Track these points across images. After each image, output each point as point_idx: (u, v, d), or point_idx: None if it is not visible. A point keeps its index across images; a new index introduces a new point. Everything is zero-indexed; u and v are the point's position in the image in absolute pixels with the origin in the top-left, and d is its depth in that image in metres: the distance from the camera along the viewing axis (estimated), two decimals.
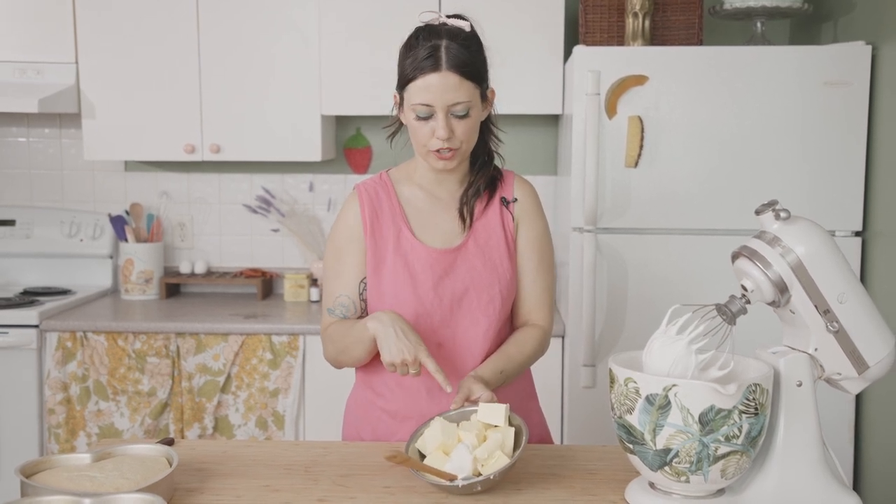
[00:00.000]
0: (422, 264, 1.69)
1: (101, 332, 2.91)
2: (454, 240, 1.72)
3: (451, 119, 1.61)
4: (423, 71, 1.59)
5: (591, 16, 2.93)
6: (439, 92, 1.59)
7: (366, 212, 1.71)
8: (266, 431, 2.93)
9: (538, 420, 1.85)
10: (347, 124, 3.46)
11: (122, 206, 3.51)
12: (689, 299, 2.60)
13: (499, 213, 1.75)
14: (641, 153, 2.62)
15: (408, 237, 1.70)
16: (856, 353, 1.35)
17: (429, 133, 1.62)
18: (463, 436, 1.45)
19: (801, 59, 2.58)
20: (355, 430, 1.80)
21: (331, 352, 1.76)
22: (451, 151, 1.63)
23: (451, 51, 1.59)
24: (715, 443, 1.27)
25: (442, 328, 1.70)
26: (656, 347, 1.36)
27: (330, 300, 1.75)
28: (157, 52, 3.12)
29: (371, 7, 3.03)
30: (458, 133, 1.62)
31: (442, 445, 1.46)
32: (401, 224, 1.71)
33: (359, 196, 1.74)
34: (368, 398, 1.77)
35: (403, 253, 1.69)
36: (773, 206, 1.35)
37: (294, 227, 3.44)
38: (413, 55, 1.61)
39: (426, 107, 1.60)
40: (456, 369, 1.70)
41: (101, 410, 2.93)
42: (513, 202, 1.76)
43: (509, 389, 1.74)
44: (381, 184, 1.75)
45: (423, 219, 1.73)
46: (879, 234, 2.53)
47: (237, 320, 2.96)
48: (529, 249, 1.76)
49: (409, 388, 1.71)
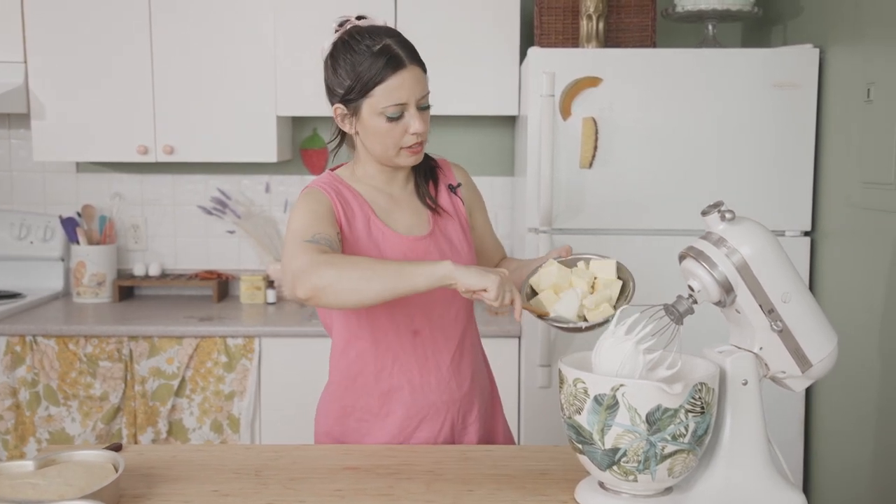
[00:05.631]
0: (395, 252, 1.67)
1: (51, 336, 2.86)
2: (420, 230, 1.72)
3: (420, 113, 1.62)
4: (390, 71, 1.58)
5: (546, 17, 2.95)
6: (410, 87, 1.59)
7: (333, 197, 1.66)
8: (221, 435, 2.90)
9: (503, 425, 1.86)
10: (304, 125, 3.44)
11: (74, 208, 3.45)
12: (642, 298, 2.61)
13: (449, 200, 1.78)
14: (595, 154, 2.64)
15: (378, 226, 1.68)
16: (799, 351, 1.37)
17: (401, 132, 1.62)
18: (575, 281, 1.55)
19: (752, 62, 2.61)
20: (328, 432, 1.76)
21: (328, 275, 1.44)
22: (421, 144, 1.65)
23: (403, 45, 1.60)
24: (662, 442, 1.28)
25: (419, 316, 1.69)
26: (605, 348, 1.37)
27: (307, 234, 1.54)
28: (109, 52, 3.07)
29: (327, 6, 3.01)
30: (426, 124, 1.64)
31: (555, 286, 1.55)
32: (368, 213, 1.69)
33: (320, 187, 1.68)
34: (346, 398, 1.73)
35: (376, 241, 1.68)
36: (718, 208, 1.37)
37: (250, 229, 3.41)
38: (368, 60, 1.57)
39: (399, 106, 1.59)
40: (433, 355, 1.70)
41: (52, 416, 2.87)
42: (458, 187, 1.80)
43: (475, 393, 1.75)
44: (336, 179, 1.72)
45: (384, 211, 1.72)
46: (828, 233, 2.58)
47: (192, 323, 2.92)
48: (485, 223, 1.88)
49: (392, 383, 1.69)
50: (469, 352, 1.77)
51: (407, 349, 1.69)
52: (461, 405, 1.73)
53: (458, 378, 1.73)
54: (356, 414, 1.72)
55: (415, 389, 1.70)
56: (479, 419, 1.76)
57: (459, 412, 1.73)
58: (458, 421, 1.73)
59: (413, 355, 1.69)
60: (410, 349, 1.69)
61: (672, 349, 1.38)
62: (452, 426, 1.72)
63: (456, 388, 1.73)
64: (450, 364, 1.72)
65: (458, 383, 1.73)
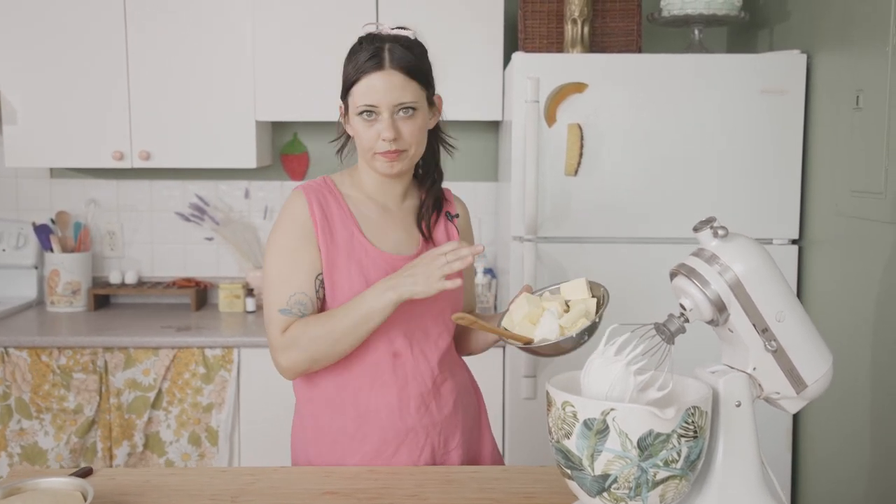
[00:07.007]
0: (377, 269, 1.62)
1: (23, 348, 2.78)
2: (407, 248, 1.67)
3: (397, 120, 1.58)
4: (365, 72, 1.56)
5: (531, 22, 2.90)
6: (384, 91, 1.56)
7: (314, 209, 1.62)
8: (199, 448, 2.83)
9: (490, 446, 1.81)
10: (284, 130, 3.37)
11: (48, 215, 3.37)
12: (629, 308, 2.57)
13: (444, 229, 1.76)
14: (581, 161, 2.59)
15: (361, 240, 1.64)
16: (794, 372, 1.33)
17: (374, 136, 1.58)
18: (547, 305, 1.52)
19: (738, 67, 2.58)
20: (304, 455, 1.70)
21: (301, 357, 1.57)
22: (398, 153, 1.59)
23: (394, 52, 1.57)
24: (654, 468, 1.23)
25: (398, 337, 1.64)
26: (594, 369, 1.32)
27: (282, 300, 1.59)
28: (83, 54, 3.00)
29: (307, 10, 2.95)
30: (404, 134, 1.59)
31: (528, 315, 1.51)
32: (352, 227, 1.64)
33: (305, 194, 1.64)
34: (321, 419, 1.67)
35: (358, 258, 1.62)
36: (710, 224, 1.32)
37: (229, 236, 3.34)
38: (356, 59, 1.59)
39: (371, 108, 1.57)
40: (413, 378, 1.65)
41: (24, 429, 2.80)
42: (456, 217, 1.78)
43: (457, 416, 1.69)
44: (325, 186, 1.68)
45: (372, 225, 1.67)
46: (816, 242, 2.55)
47: (168, 333, 2.85)
48: (469, 269, 1.84)
49: (369, 406, 1.64)
50: (452, 374, 1.71)
51: (386, 371, 1.64)
52: (442, 429, 1.67)
53: (440, 401, 1.68)
54: (331, 436, 1.66)
55: (392, 413, 1.64)
56: (463, 444, 1.70)
57: (440, 436, 1.67)
58: (440, 445, 1.67)
59: (392, 377, 1.64)
60: (390, 371, 1.64)
61: (663, 369, 1.34)
62: (433, 451, 1.66)
63: (437, 412, 1.67)
64: (431, 387, 1.67)
65: (439, 406, 1.67)
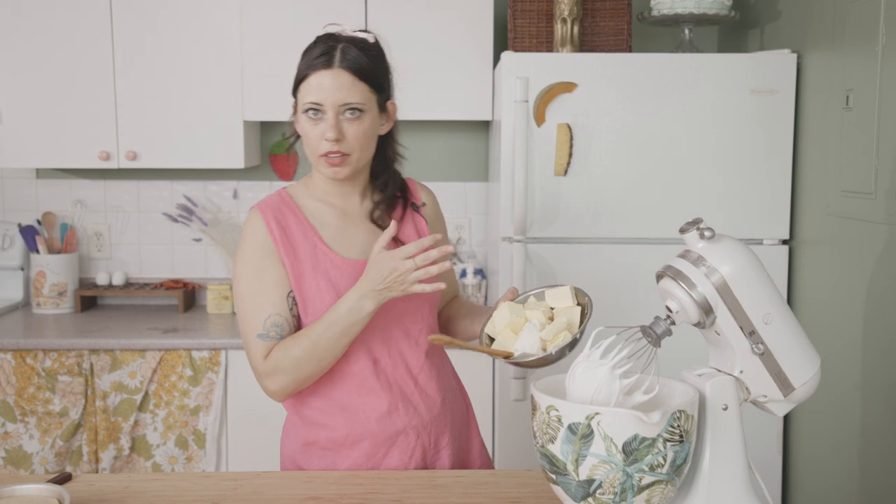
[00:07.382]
0: (345, 279, 1.59)
1: (7, 351, 2.75)
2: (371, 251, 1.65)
3: (342, 121, 1.55)
4: (315, 69, 1.54)
5: (520, 21, 2.88)
6: (330, 90, 1.54)
7: (273, 227, 1.60)
8: (187, 451, 2.80)
9: (479, 447, 1.79)
10: (273, 130, 3.35)
11: (34, 216, 3.34)
12: (618, 309, 2.56)
13: (412, 220, 1.71)
14: (570, 161, 2.57)
15: (325, 251, 1.61)
16: (781, 374, 1.31)
17: (319, 136, 1.56)
18: (530, 315, 1.47)
19: (729, 67, 2.56)
20: (292, 461, 1.68)
21: (287, 380, 1.56)
22: (342, 156, 1.56)
23: (347, 52, 1.55)
24: (639, 473, 1.22)
25: (376, 343, 1.62)
26: (579, 372, 1.30)
27: (258, 325, 1.57)
28: (70, 55, 2.97)
29: (294, 9, 2.93)
30: (349, 137, 1.56)
31: (510, 324, 1.47)
32: (314, 239, 1.62)
33: (261, 213, 1.62)
34: (311, 431, 1.64)
35: (324, 269, 1.60)
36: (697, 225, 1.30)
37: (217, 237, 3.32)
38: (308, 56, 1.57)
39: (316, 106, 1.54)
40: (396, 382, 1.63)
41: (9, 433, 2.77)
42: (422, 206, 1.74)
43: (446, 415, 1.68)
44: (281, 201, 1.65)
45: (333, 232, 1.64)
46: (806, 242, 2.53)
47: (155, 335, 2.83)
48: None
49: (356, 411, 1.61)
50: (436, 374, 1.69)
51: (369, 378, 1.62)
52: (432, 429, 1.66)
53: (427, 401, 1.66)
54: (320, 443, 1.64)
55: (381, 417, 1.62)
56: (452, 444, 1.69)
57: (431, 437, 1.66)
58: (430, 445, 1.66)
59: (377, 382, 1.62)
60: (373, 377, 1.62)
61: (650, 372, 1.32)
62: (424, 452, 1.65)
63: (426, 412, 1.65)
64: (415, 388, 1.65)
65: (428, 406, 1.66)
